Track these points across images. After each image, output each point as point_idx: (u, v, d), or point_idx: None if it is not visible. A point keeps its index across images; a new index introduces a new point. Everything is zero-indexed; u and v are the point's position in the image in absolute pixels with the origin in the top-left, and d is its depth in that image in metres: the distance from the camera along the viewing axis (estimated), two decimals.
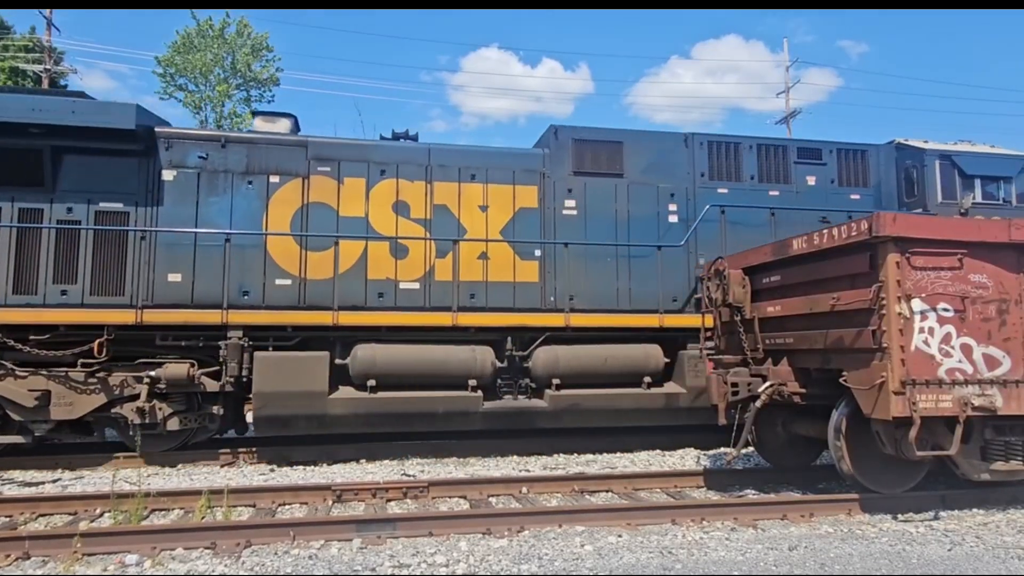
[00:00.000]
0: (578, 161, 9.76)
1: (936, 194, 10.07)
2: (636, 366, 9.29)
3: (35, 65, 23.71)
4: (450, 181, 9.38)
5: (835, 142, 10.58)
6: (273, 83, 28.14)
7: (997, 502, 6.35)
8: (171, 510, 6.28)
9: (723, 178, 10.09)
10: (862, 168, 10.52)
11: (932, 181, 10.12)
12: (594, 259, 9.54)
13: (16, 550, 4.91)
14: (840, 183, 10.42)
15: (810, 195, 10.23)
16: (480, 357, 8.92)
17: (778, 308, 6.85)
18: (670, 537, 5.36)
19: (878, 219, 5.61)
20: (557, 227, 9.55)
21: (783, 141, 10.59)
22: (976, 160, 10.31)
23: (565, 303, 9.36)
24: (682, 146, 10.07)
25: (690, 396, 9.30)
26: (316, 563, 4.76)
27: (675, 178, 9.95)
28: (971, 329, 5.79)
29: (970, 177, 10.18)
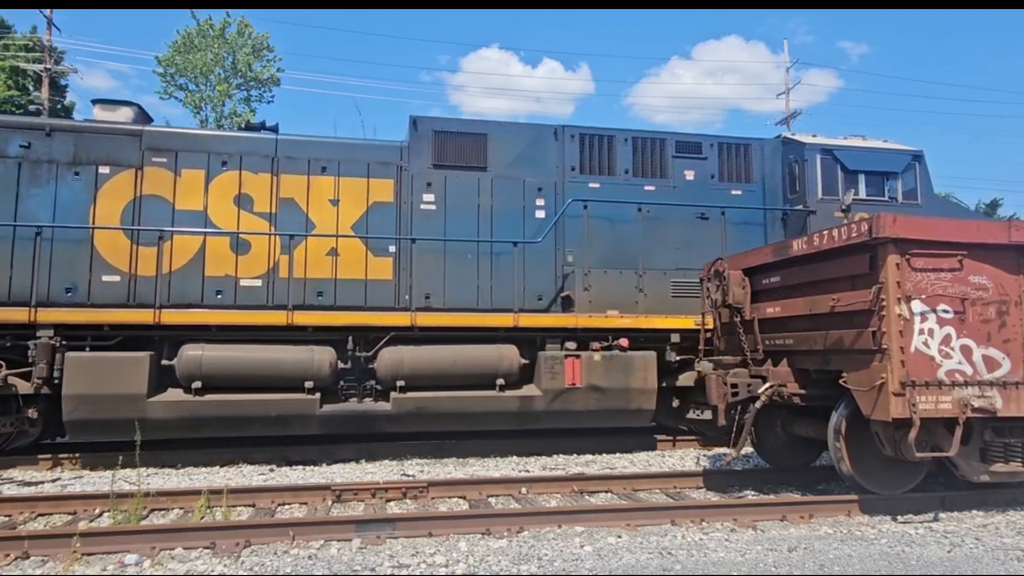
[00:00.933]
0: (439, 153, 9.40)
1: (817, 190, 9.89)
2: (489, 367, 8.91)
3: (35, 65, 23.70)
4: (298, 174, 9.00)
5: (716, 135, 10.33)
6: (274, 83, 28.18)
7: (997, 504, 6.35)
8: (170, 510, 6.28)
9: (595, 172, 9.78)
10: (745, 163, 10.25)
11: (813, 176, 9.91)
12: (454, 256, 9.19)
13: (15, 550, 4.91)
14: (721, 178, 10.15)
15: (688, 190, 9.96)
16: (318, 358, 8.52)
17: (778, 309, 6.85)
18: (669, 538, 5.36)
19: (878, 220, 5.62)
20: (414, 223, 9.19)
21: (661, 134, 10.22)
22: (860, 155, 10.07)
23: (420, 302, 9.02)
24: (552, 139, 9.75)
25: (546, 399, 8.98)
26: (315, 563, 4.76)
27: (543, 172, 9.63)
28: (971, 330, 5.79)
29: (853, 172, 9.96)
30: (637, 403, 9.18)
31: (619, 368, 9.16)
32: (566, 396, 9.03)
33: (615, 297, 9.51)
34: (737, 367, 7.11)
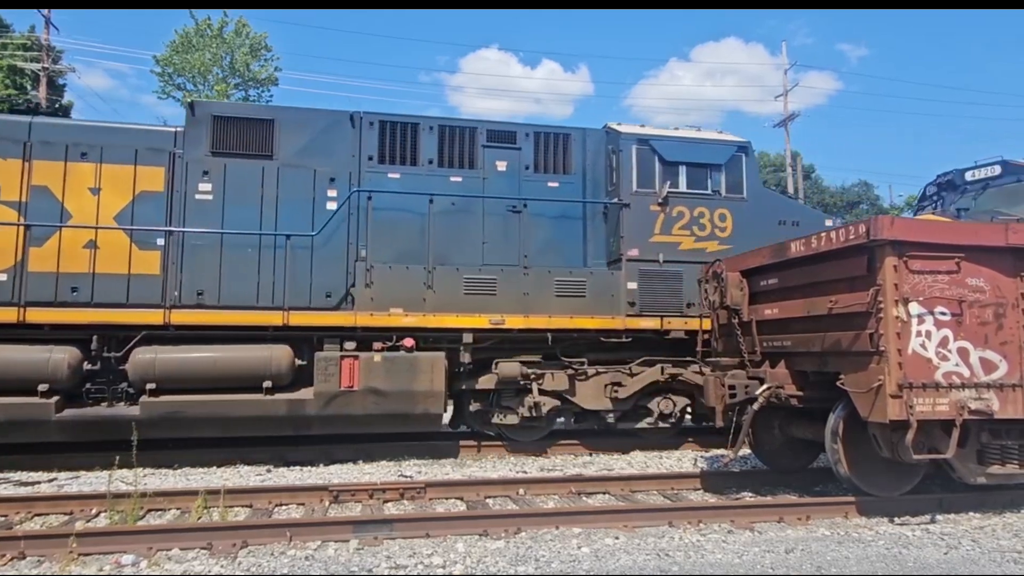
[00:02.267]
0: (218, 140, 8.75)
1: (632, 181, 9.51)
2: (258, 369, 8.31)
3: (33, 64, 23.67)
4: (55, 160, 8.27)
5: (533, 124, 9.91)
6: (272, 83, 28.18)
7: (993, 505, 6.36)
8: (167, 510, 6.27)
9: (396, 162, 9.23)
10: (564, 154, 9.74)
11: (628, 168, 9.53)
12: (232, 250, 8.53)
13: (12, 550, 4.89)
14: (537, 169, 9.65)
15: (499, 182, 9.46)
16: (56, 358, 7.91)
17: (776, 311, 6.86)
18: (667, 539, 5.36)
19: (876, 222, 5.62)
20: (188, 214, 8.52)
21: (471, 122, 9.70)
22: (680, 146, 9.74)
23: (192, 299, 8.39)
24: (348, 126, 9.17)
25: (318, 402, 8.41)
26: (313, 564, 4.76)
27: (337, 161, 9.03)
28: (968, 333, 5.80)
29: (673, 164, 9.61)
30: (423, 406, 8.66)
31: (402, 370, 8.61)
32: (341, 399, 8.46)
33: (400, 294, 8.84)
34: (735, 369, 7.12)
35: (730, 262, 7.52)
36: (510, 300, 9.08)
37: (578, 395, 9.40)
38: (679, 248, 9.56)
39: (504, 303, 9.06)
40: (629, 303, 9.32)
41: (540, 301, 9.14)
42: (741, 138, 10.13)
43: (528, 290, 9.14)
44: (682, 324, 9.39)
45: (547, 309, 9.14)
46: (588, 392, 9.41)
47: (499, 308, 9.02)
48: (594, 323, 9.26)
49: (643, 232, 9.47)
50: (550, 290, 9.19)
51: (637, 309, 9.34)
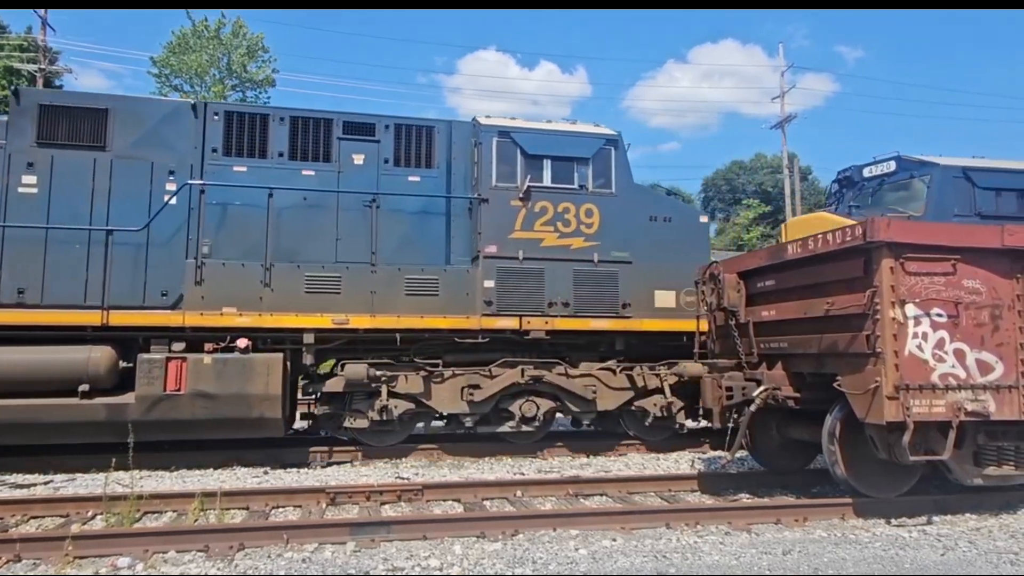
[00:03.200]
0: (45, 130, 8.28)
1: (491, 175, 9.15)
2: (75, 372, 7.82)
3: (30, 65, 23.62)
4: None
5: (394, 116, 9.47)
6: (269, 84, 28.15)
7: (990, 507, 6.37)
8: (164, 512, 6.25)
9: (244, 154, 8.77)
10: (427, 147, 9.29)
11: (488, 161, 9.19)
12: (58, 246, 8.07)
13: (7, 552, 4.88)
14: (397, 163, 9.19)
15: (356, 176, 9.01)
16: None
17: (773, 312, 6.87)
18: (664, 541, 5.36)
19: (872, 224, 5.63)
20: (10, 208, 8.08)
21: (327, 114, 9.28)
22: (544, 139, 9.36)
23: (12, 297, 7.92)
24: (190, 116, 8.71)
25: (141, 407, 7.94)
26: (310, 566, 4.75)
27: (178, 153, 8.57)
28: (964, 334, 5.81)
29: (536, 157, 9.26)
30: (258, 411, 8.23)
31: (235, 372, 8.18)
32: (167, 404, 8.02)
33: (234, 292, 8.42)
34: (732, 370, 7.13)
35: (727, 264, 7.53)
36: (357, 299, 8.70)
37: (433, 398, 9.05)
38: (541, 245, 9.21)
39: (350, 302, 8.68)
40: (486, 302, 8.95)
41: (389, 300, 8.77)
42: (611, 130, 9.72)
43: (376, 288, 8.77)
44: (542, 324, 9.08)
45: (396, 308, 8.77)
46: (444, 395, 9.08)
47: (345, 307, 8.65)
48: (447, 323, 8.92)
49: (503, 228, 9.11)
50: (400, 289, 8.83)
51: (494, 308, 8.98)
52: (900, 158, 11.01)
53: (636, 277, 9.43)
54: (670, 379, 9.36)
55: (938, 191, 10.23)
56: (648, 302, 9.46)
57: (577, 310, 9.22)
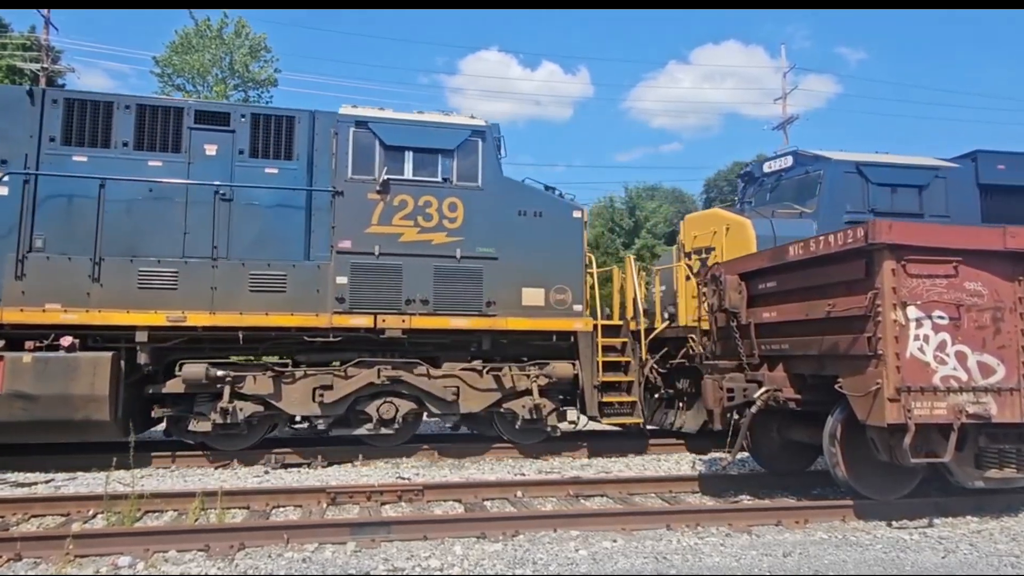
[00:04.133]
0: None
1: (347, 167, 8.83)
2: None
3: (33, 64, 23.66)
4: None
5: (251, 105, 9.06)
6: (271, 84, 28.18)
7: (991, 509, 6.36)
8: (165, 512, 6.25)
9: (85, 144, 8.37)
10: (287, 138, 8.90)
11: (344, 152, 8.85)
12: None
13: (8, 551, 4.89)
14: (254, 154, 8.79)
15: (208, 167, 8.60)
16: None
17: (774, 314, 6.86)
18: (665, 542, 5.36)
19: (873, 226, 5.63)
20: None
21: (177, 102, 8.99)
22: (404, 129, 9.02)
23: None
24: (26, 104, 8.31)
25: None
26: (310, 566, 4.75)
27: (11, 142, 8.19)
28: (966, 336, 5.80)
29: (397, 149, 8.93)
30: (84, 413, 7.84)
31: (57, 372, 7.77)
32: None
33: (59, 288, 8.02)
34: (733, 372, 7.12)
35: (729, 265, 7.53)
36: (196, 295, 8.32)
37: (284, 400, 8.67)
38: (400, 240, 8.86)
39: (189, 298, 8.29)
40: (338, 299, 8.61)
41: (232, 297, 8.40)
42: (480, 121, 9.36)
43: (217, 284, 8.39)
44: (399, 322, 8.73)
45: (240, 305, 8.39)
46: (295, 396, 8.70)
47: (183, 304, 8.27)
48: (295, 321, 8.53)
49: (358, 222, 8.78)
50: (244, 285, 8.44)
51: (347, 306, 8.63)
52: (796, 153, 10.88)
53: (502, 274, 9.07)
54: (541, 380, 9.12)
55: (830, 187, 10.08)
56: (515, 300, 9.11)
57: (437, 308, 8.87)
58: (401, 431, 9.12)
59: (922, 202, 10.22)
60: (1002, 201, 10.45)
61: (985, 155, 10.82)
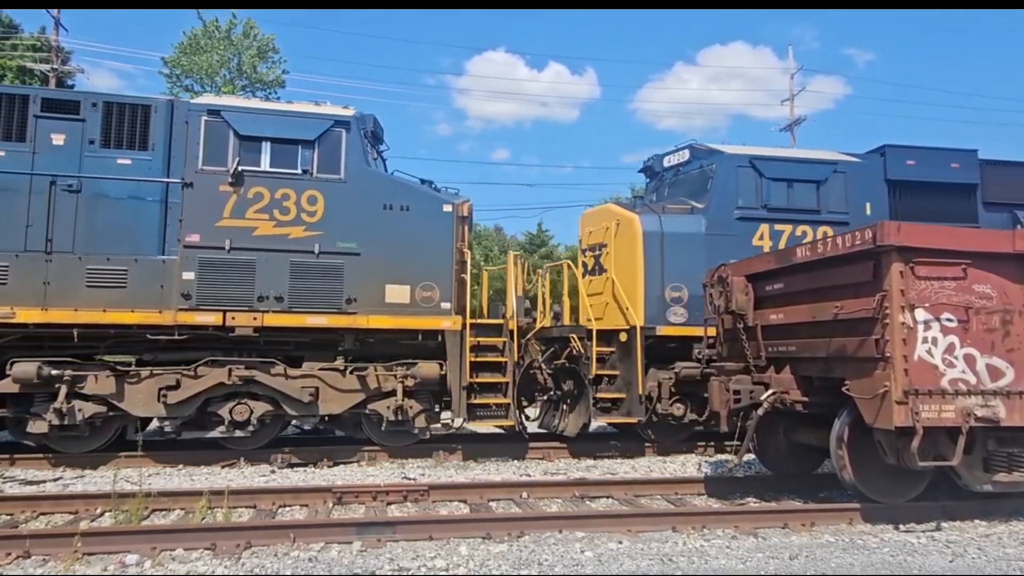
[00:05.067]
0: None
1: (198, 157, 8.47)
2: None
3: (42, 64, 23.81)
4: None
5: (104, 94, 8.87)
6: (278, 85, 28.27)
7: (999, 513, 6.33)
8: (171, 510, 6.28)
9: None
10: (142, 127, 8.52)
11: (196, 142, 8.48)
12: None
13: (17, 549, 4.92)
14: (105, 144, 8.40)
15: (54, 157, 8.24)
16: None
17: (781, 316, 6.84)
18: (671, 544, 5.35)
19: (882, 228, 5.61)
20: None
21: (22, 89, 8.69)
22: (260, 119, 8.70)
23: None
24: None
25: None
26: (316, 565, 4.76)
27: None
28: (974, 339, 5.77)
29: (251, 139, 8.59)
30: None
31: None
32: None
33: None
34: (740, 374, 7.11)
35: (736, 267, 7.50)
36: (27, 290, 7.98)
37: (127, 400, 8.29)
38: (254, 234, 8.50)
39: (19, 294, 7.95)
40: (183, 295, 8.25)
41: (68, 292, 8.06)
42: (345, 110, 9.08)
43: (50, 280, 8.04)
44: (250, 320, 8.35)
45: (76, 301, 8.06)
46: (139, 397, 8.32)
47: (13, 300, 7.92)
48: (135, 317, 8.16)
49: (209, 215, 8.43)
50: (81, 280, 8.10)
51: (193, 303, 8.27)
52: (693, 147, 10.58)
53: (365, 270, 8.69)
54: (408, 381, 8.77)
55: (722, 181, 9.88)
56: (378, 297, 8.70)
57: (293, 305, 8.50)
58: (259, 433, 8.78)
59: (819, 198, 10.05)
60: (913, 197, 10.28)
61: (894, 150, 10.57)
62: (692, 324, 9.36)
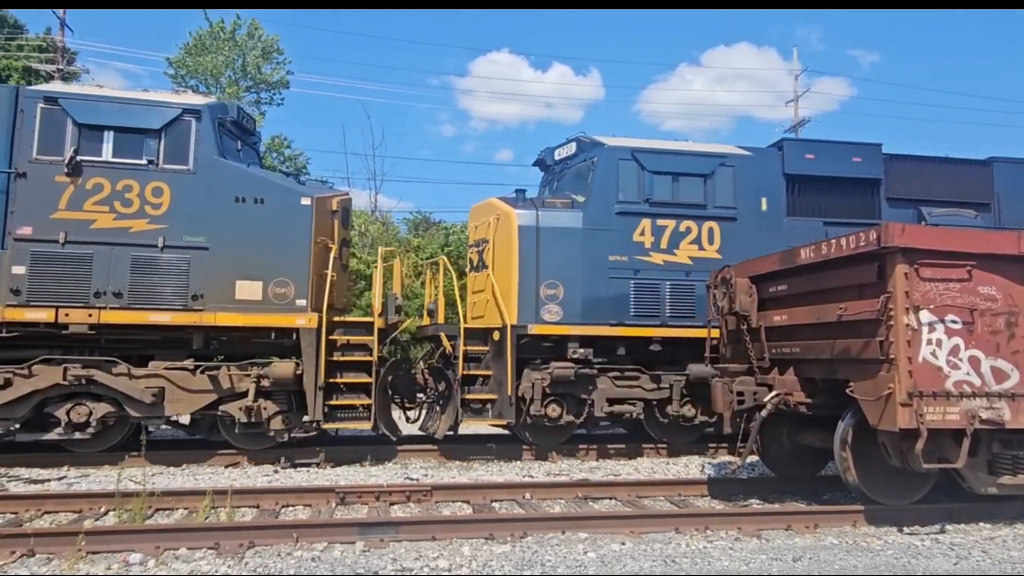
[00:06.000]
0: None
1: (32, 146, 8.08)
2: None
3: (48, 65, 23.91)
4: None
5: None
6: (283, 85, 28.30)
7: (1004, 516, 6.30)
8: (175, 510, 6.30)
9: None
10: None
11: (31, 130, 8.10)
12: None
13: (22, 547, 4.94)
14: None
15: None
16: None
17: (785, 317, 6.83)
18: (673, 546, 5.34)
19: (886, 230, 5.60)
20: None
21: None
22: (103, 107, 8.33)
23: None
24: None
25: None
26: (319, 565, 4.77)
27: None
28: (979, 341, 5.76)
29: (92, 128, 8.20)
30: None
31: None
32: None
33: None
34: (743, 375, 7.09)
35: (739, 268, 7.49)
36: None
37: None
38: (92, 227, 8.12)
39: None
40: (12, 291, 7.89)
41: None
42: (195, 98, 8.87)
43: None
44: (85, 317, 8.00)
45: None
46: None
47: None
48: None
49: (43, 207, 8.06)
50: None
51: (23, 298, 7.91)
52: (579, 139, 10.15)
53: (214, 265, 8.31)
54: (264, 381, 8.48)
55: (602, 175, 9.57)
56: (228, 294, 8.32)
57: (133, 301, 8.12)
58: (104, 436, 8.46)
59: (706, 192, 9.74)
60: (812, 192, 10.10)
61: (792, 144, 10.43)
62: (567, 322, 9.23)
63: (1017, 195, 10.62)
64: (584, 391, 9.40)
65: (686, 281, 9.61)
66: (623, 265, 9.51)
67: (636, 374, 9.59)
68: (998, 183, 10.65)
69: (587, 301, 9.35)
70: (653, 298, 9.54)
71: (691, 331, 9.30)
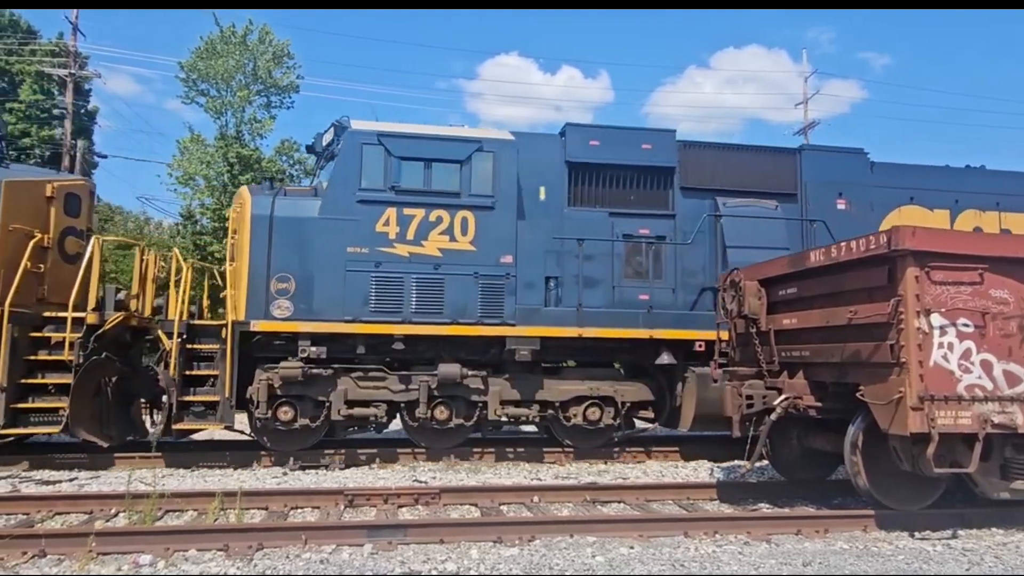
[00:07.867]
0: None
1: None
2: None
3: (60, 70, 24.12)
4: None
5: None
6: (293, 89, 28.45)
7: (1017, 521, 6.23)
8: (185, 511, 6.33)
9: None
10: None
11: None
12: None
13: (33, 548, 4.98)
14: None
15: None
16: None
17: (794, 320, 6.80)
18: (682, 550, 5.32)
19: (897, 232, 5.56)
20: None
21: None
22: None
23: None
24: None
25: None
26: (327, 567, 4.78)
27: None
28: (991, 345, 5.71)
29: None
30: None
31: None
32: None
33: None
34: (752, 378, 7.06)
35: (749, 271, 7.47)
36: None
37: None
38: None
39: None
40: None
41: None
42: None
43: None
44: None
45: None
46: None
47: None
48: None
49: None
50: None
51: None
52: (337, 124, 9.51)
53: None
54: None
55: (344, 160, 8.98)
56: None
57: None
58: None
59: (461, 179, 9.09)
60: (597, 181, 9.65)
61: (575, 128, 9.86)
62: (297, 318, 8.64)
63: (826, 185, 10.15)
64: (322, 392, 8.78)
65: (434, 275, 8.93)
66: (363, 257, 8.81)
67: (382, 375, 9.00)
68: (806, 172, 10.19)
69: (321, 296, 8.70)
70: (395, 293, 8.84)
71: (436, 328, 8.85)
